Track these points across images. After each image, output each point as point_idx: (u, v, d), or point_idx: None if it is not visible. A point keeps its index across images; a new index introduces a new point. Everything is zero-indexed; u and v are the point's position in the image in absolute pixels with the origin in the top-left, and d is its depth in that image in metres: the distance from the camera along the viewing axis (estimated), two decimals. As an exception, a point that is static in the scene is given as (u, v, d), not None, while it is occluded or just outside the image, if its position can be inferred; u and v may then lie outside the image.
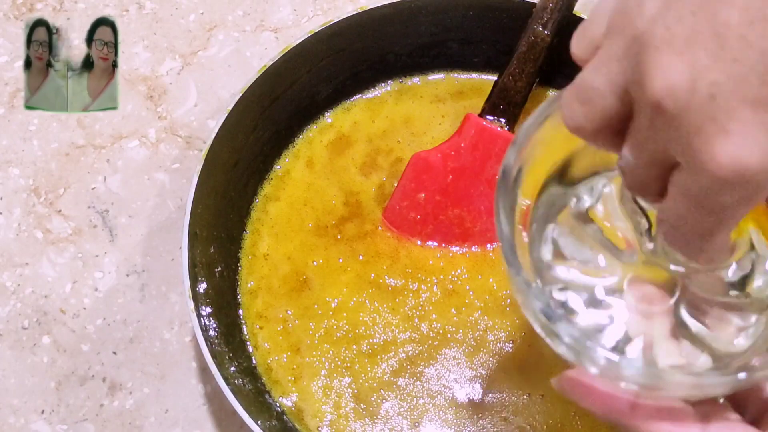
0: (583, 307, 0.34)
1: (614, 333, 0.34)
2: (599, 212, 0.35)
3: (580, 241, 0.35)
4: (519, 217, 0.34)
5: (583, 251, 0.35)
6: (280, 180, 0.56)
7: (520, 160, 0.33)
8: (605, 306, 0.34)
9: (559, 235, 0.35)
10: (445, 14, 0.55)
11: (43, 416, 0.53)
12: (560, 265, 0.35)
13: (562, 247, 0.35)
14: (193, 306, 0.48)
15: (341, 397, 0.50)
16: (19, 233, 0.57)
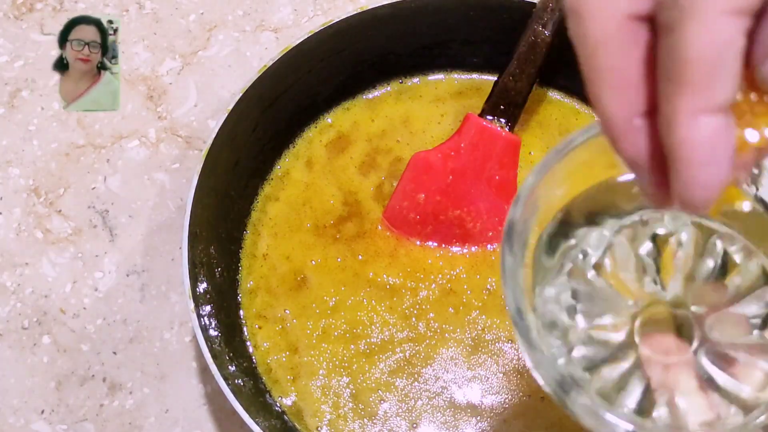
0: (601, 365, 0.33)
1: (636, 391, 0.33)
2: (607, 265, 0.35)
3: (591, 297, 0.34)
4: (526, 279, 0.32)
5: (595, 306, 0.34)
6: (279, 180, 0.56)
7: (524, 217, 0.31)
8: (623, 361, 0.33)
9: (570, 292, 0.34)
10: (445, 14, 0.55)
11: (43, 416, 0.53)
12: (573, 322, 0.34)
13: (573, 304, 0.34)
14: (193, 306, 0.48)
15: (340, 396, 0.50)
16: (19, 233, 0.57)
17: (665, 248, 0.34)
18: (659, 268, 0.34)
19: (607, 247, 0.34)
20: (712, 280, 0.34)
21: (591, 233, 0.34)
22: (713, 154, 0.22)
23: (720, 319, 0.33)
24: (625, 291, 0.34)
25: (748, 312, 0.33)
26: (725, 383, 0.32)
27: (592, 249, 0.34)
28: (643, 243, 0.34)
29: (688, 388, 0.32)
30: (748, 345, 0.33)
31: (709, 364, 0.33)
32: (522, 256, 0.31)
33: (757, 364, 0.32)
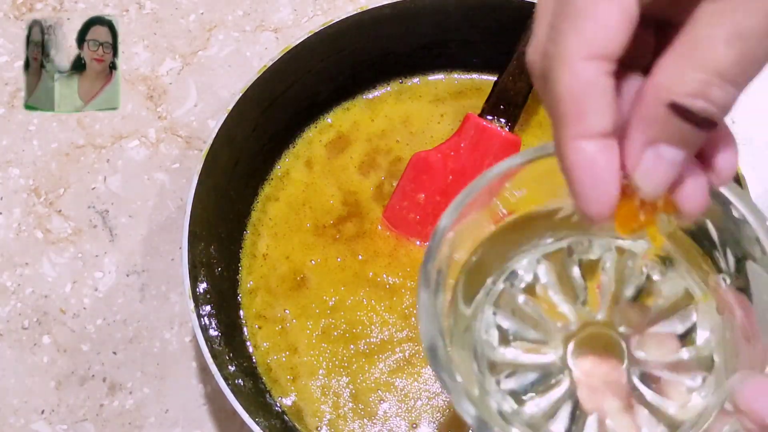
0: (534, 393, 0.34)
1: (565, 416, 0.33)
2: (537, 289, 0.35)
3: (522, 321, 0.35)
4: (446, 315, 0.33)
5: (527, 330, 0.35)
6: (279, 180, 0.56)
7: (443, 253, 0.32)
8: (555, 385, 0.34)
9: (501, 318, 0.35)
10: (445, 14, 0.55)
11: (43, 416, 0.53)
12: (506, 348, 0.34)
13: (505, 330, 0.35)
14: (193, 306, 0.48)
15: (339, 396, 0.50)
16: (19, 233, 0.57)
17: (592, 273, 0.35)
18: (588, 291, 0.34)
19: (536, 273, 0.35)
20: (637, 300, 0.35)
21: (520, 260, 0.35)
22: (595, 171, 0.26)
23: (647, 339, 0.34)
24: (556, 315, 0.35)
25: (673, 331, 0.34)
26: (653, 401, 0.33)
27: (522, 274, 0.35)
28: (571, 268, 0.35)
29: (616, 408, 0.33)
30: (672, 363, 0.34)
31: (638, 382, 0.33)
32: (439, 292, 0.32)
33: (681, 381, 0.33)
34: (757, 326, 0.30)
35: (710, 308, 0.33)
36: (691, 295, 0.34)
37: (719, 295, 0.33)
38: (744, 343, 0.32)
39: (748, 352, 0.31)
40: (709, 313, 0.33)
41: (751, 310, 0.31)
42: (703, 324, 0.33)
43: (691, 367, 0.33)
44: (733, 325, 0.32)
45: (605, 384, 0.33)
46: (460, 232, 0.32)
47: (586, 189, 0.26)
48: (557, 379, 0.34)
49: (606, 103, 0.25)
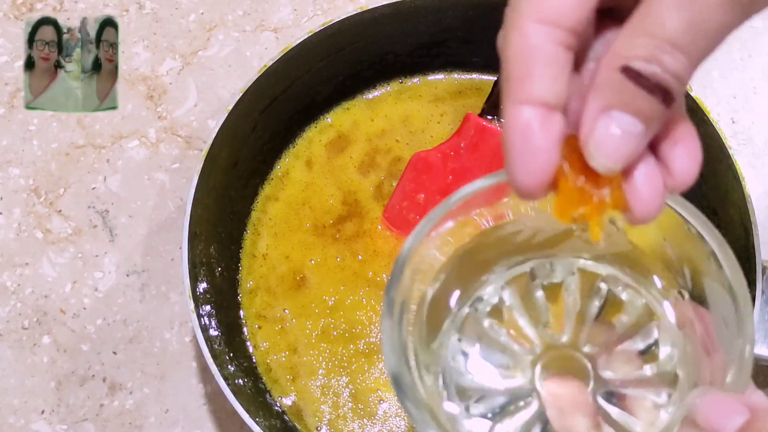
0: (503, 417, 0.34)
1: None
2: (502, 313, 0.35)
3: (488, 347, 0.35)
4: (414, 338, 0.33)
5: (493, 356, 0.35)
6: (279, 180, 0.56)
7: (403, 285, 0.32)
8: (524, 408, 0.34)
9: (466, 344, 0.35)
10: (445, 14, 0.55)
11: (43, 416, 0.53)
12: (473, 373, 0.34)
13: (471, 356, 0.35)
14: (193, 306, 0.48)
15: (339, 396, 0.50)
16: (19, 233, 0.57)
17: (555, 295, 0.35)
18: (552, 313, 0.35)
19: (500, 297, 0.35)
20: (601, 320, 0.35)
21: (483, 285, 0.35)
22: (528, 138, 0.25)
23: (612, 358, 0.34)
24: (522, 338, 0.35)
25: (637, 348, 0.34)
26: (620, 418, 0.33)
27: (486, 298, 0.35)
28: (534, 291, 0.35)
29: (585, 428, 0.33)
30: (638, 380, 0.34)
31: (604, 402, 0.33)
32: (403, 320, 0.32)
33: (647, 398, 0.33)
34: (715, 340, 0.31)
35: (671, 323, 0.34)
36: (652, 310, 0.34)
37: (679, 310, 0.33)
38: (705, 357, 0.32)
39: (709, 365, 0.31)
40: (671, 329, 0.34)
41: (709, 323, 0.31)
42: (665, 340, 0.34)
43: (655, 383, 0.33)
44: (694, 339, 0.32)
45: (573, 405, 0.33)
46: (423, 258, 0.32)
47: (517, 156, 0.25)
48: (526, 402, 0.34)
49: (552, 72, 0.25)
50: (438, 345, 0.34)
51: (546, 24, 0.25)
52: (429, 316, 0.34)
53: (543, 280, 0.35)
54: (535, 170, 0.25)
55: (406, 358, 0.31)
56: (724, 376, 0.29)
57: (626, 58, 0.24)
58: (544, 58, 0.25)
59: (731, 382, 0.28)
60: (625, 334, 0.34)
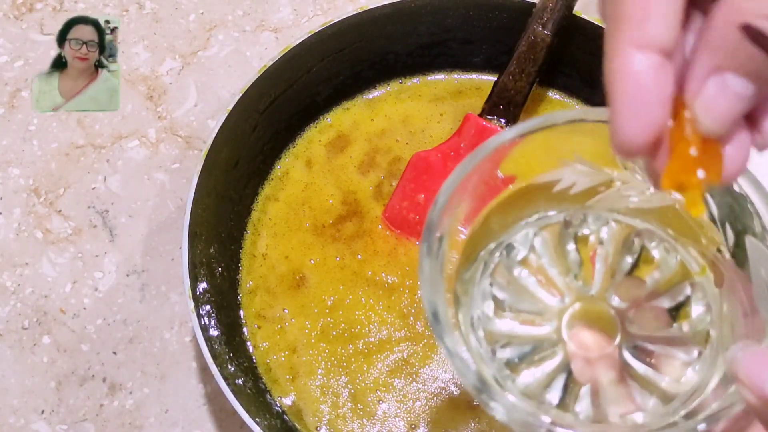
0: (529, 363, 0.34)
1: (559, 386, 0.33)
2: (533, 262, 0.35)
3: (517, 293, 0.35)
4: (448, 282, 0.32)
5: (522, 302, 0.35)
6: (279, 180, 0.56)
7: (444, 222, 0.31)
8: (549, 357, 0.34)
9: (497, 289, 0.35)
10: (445, 14, 0.55)
11: (43, 416, 0.53)
12: (501, 319, 0.34)
13: (501, 301, 0.34)
14: (193, 306, 0.48)
15: (338, 396, 0.50)
16: (19, 233, 0.57)
17: (588, 246, 0.35)
18: (583, 265, 0.34)
19: (532, 245, 0.35)
20: (632, 275, 0.34)
21: (516, 231, 0.35)
22: (641, 89, 0.23)
23: (641, 313, 0.34)
24: (551, 287, 0.35)
25: (667, 305, 0.34)
26: (646, 374, 0.33)
27: (518, 246, 0.35)
28: (566, 242, 0.35)
29: (609, 381, 0.33)
30: (667, 337, 0.33)
31: (630, 357, 0.33)
32: (442, 259, 0.31)
33: (675, 355, 0.33)
34: (754, 301, 0.30)
35: (708, 282, 0.33)
36: (687, 269, 0.34)
37: (717, 269, 0.33)
38: (742, 318, 0.31)
39: (746, 327, 0.31)
40: (707, 287, 0.33)
41: (749, 284, 0.31)
42: (699, 298, 0.33)
43: (686, 341, 0.33)
44: (731, 299, 0.32)
45: (598, 357, 0.33)
46: (460, 201, 0.32)
47: (627, 108, 0.23)
48: (552, 351, 0.34)
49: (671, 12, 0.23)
50: (470, 288, 0.34)
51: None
52: (463, 258, 0.34)
53: (577, 229, 0.35)
54: (645, 125, 0.23)
55: (444, 295, 0.31)
56: (762, 338, 0.29)
57: (748, 13, 0.22)
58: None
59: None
60: (656, 291, 0.34)
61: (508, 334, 0.34)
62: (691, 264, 0.34)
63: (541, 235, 0.35)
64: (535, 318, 0.35)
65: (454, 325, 0.32)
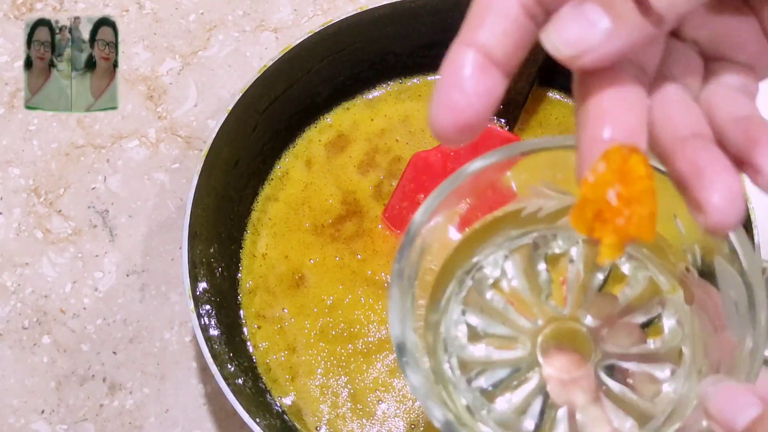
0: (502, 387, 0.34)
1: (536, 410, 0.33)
2: (504, 285, 0.35)
3: (490, 318, 0.35)
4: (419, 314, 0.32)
5: (496, 327, 0.35)
6: (279, 180, 0.56)
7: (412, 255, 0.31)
8: (525, 381, 0.34)
9: (469, 315, 0.34)
10: (445, 14, 0.55)
11: (43, 416, 0.53)
12: (475, 345, 0.34)
13: (474, 327, 0.34)
14: (193, 306, 0.48)
15: (338, 396, 0.50)
16: (19, 233, 0.57)
17: (559, 266, 0.35)
18: (554, 285, 0.34)
19: (502, 269, 0.35)
20: (604, 293, 0.34)
21: (487, 256, 0.35)
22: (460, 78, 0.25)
23: (614, 331, 0.34)
24: (524, 310, 0.35)
25: (640, 322, 0.34)
26: (621, 393, 0.33)
27: (489, 271, 0.35)
28: (537, 263, 0.35)
29: (585, 403, 0.33)
30: (641, 354, 0.33)
31: (606, 376, 0.33)
32: (411, 289, 0.31)
33: (649, 373, 0.33)
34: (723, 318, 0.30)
35: (678, 299, 0.33)
36: (658, 285, 0.34)
37: (687, 286, 0.33)
38: (712, 335, 0.31)
39: (716, 343, 0.31)
40: (678, 304, 0.33)
41: (718, 301, 0.31)
42: (671, 314, 0.33)
43: (659, 358, 0.33)
44: (702, 316, 0.32)
45: (574, 378, 0.33)
46: (432, 230, 0.32)
47: (441, 92, 0.25)
48: (527, 375, 0.34)
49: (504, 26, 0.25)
50: (442, 317, 0.34)
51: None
52: (434, 286, 0.34)
53: (546, 250, 0.35)
54: (455, 111, 0.25)
55: (412, 327, 0.31)
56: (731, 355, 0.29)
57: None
58: (501, 10, 0.25)
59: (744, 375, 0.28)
60: (628, 308, 0.34)
61: (482, 360, 0.34)
62: (662, 281, 0.34)
63: (512, 257, 0.35)
64: (509, 342, 0.34)
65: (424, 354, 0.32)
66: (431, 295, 0.34)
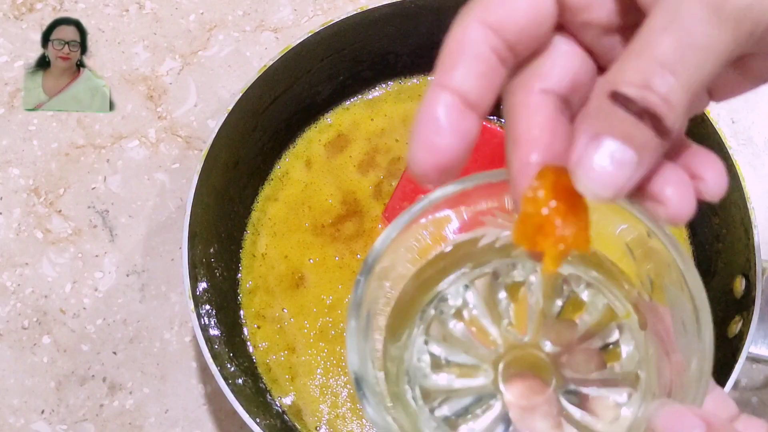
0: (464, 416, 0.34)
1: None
2: (465, 314, 0.35)
3: (452, 346, 0.35)
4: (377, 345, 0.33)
5: (458, 355, 0.35)
6: (279, 180, 0.56)
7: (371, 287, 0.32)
8: (488, 409, 0.34)
9: (432, 345, 0.35)
10: (445, 14, 0.54)
11: (43, 416, 0.53)
12: (438, 374, 0.35)
13: (437, 356, 0.35)
14: (193, 306, 0.48)
15: (337, 396, 0.50)
16: (19, 233, 0.57)
17: (518, 294, 0.35)
18: (515, 312, 0.35)
19: (464, 298, 0.35)
20: (563, 319, 0.35)
21: (448, 286, 0.35)
22: (436, 119, 0.25)
23: (574, 357, 0.34)
24: (485, 338, 0.35)
25: (598, 347, 0.34)
26: (582, 419, 0.33)
27: (451, 300, 0.35)
28: (497, 291, 0.35)
29: (546, 429, 0.33)
30: (600, 379, 0.34)
31: (566, 402, 0.34)
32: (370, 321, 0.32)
33: (608, 397, 0.33)
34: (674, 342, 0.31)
35: (633, 324, 0.34)
36: (614, 311, 0.34)
37: (640, 311, 0.33)
38: (663, 358, 0.32)
39: (667, 366, 0.32)
40: (633, 329, 0.34)
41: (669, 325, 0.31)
42: (626, 340, 0.34)
43: (617, 382, 0.34)
44: (654, 340, 0.33)
45: (535, 404, 0.34)
46: (391, 262, 0.33)
47: (419, 134, 0.26)
48: (490, 403, 0.34)
49: (478, 70, 0.25)
50: (403, 346, 0.34)
51: (487, 27, 0.26)
52: (395, 317, 0.34)
53: (506, 279, 0.35)
54: (435, 153, 0.26)
55: (372, 359, 0.31)
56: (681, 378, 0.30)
57: (616, 84, 0.24)
58: (474, 54, 0.25)
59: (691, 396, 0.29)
60: (587, 334, 0.35)
61: (445, 389, 0.34)
62: (617, 306, 0.34)
63: (473, 287, 0.35)
64: (471, 370, 0.35)
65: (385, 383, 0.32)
66: (392, 326, 0.34)
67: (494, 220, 0.34)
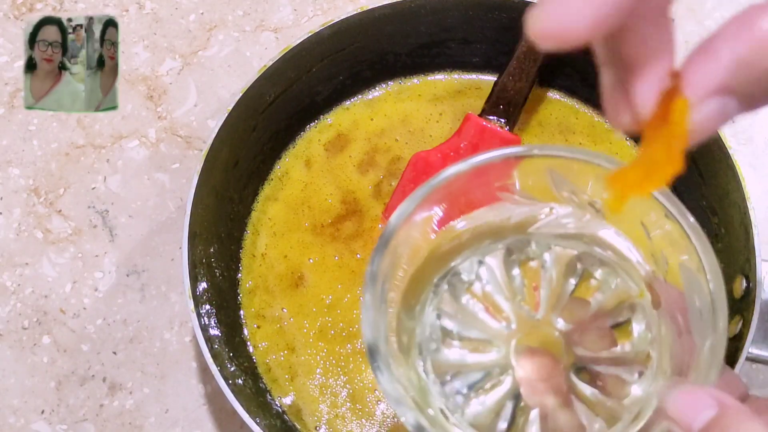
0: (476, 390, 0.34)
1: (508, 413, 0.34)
2: (478, 289, 0.35)
3: (465, 322, 0.35)
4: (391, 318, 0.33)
5: (470, 330, 0.35)
6: (279, 180, 0.56)
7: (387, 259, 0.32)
8: (499, 384, 0.34)
9: (444, 319, 0.35)
10: (444, 14, 0.55)
11: (43, 416, 0.53)
12: (450, 349, 0.35)
13: (449, 330, 0.35)
14: (193, 306, 0.48)
15: (337, 396, 0.50)
16: (19, 233, 0.57)
17: (532, 271, 0.36)
18: (528, 289, 0.35)
19: (477, 274, 0.35)
20: (576, 297, 0.35)
21: (461, 261, 0.35)
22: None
23: (586, 335, 0.35)
24: (498, 314, 0.35)
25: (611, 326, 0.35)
26: (592, 395, 0.33)
27: (464, 275, 0.35)
28: (511, 268, 0.35)
29: (557, 405, 0.33)
30: (611, 358, 0.34)
31: (576, 379, 0.34)
32: (384, 293, 0.32)
33: (619, 375, 0.34)
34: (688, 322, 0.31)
35: (646, 303, 0.34)
36: (627, 290, 0.34)
37: (654, 291, 0.33)
38: (676, 338, 0.32)
39: (680, 346, 0.32)
40: (646, 309, 0.34)
41: (683, 306, 0.31)
42: (639, 319, 0.34)
43: (628, 361, 0.34)
44: (667, 320, 0.33)
45: (546, 381, 0.34)
46: (407, 236, 0.33)
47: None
48: (500, 378, 0.34)
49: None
50: (416, 320, 0.34)
51: None
52: (408, 291, 0.34)
53: (520, 256, 0.35)
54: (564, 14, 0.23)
55: (385, 331, 0.31)
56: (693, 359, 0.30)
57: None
58: None
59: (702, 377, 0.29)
60: (599, 312, 0.35)
61: (457, 363, 0.35)
62: (630, 286, 0.34)
63: (487, 263, 0.35)
64: (483, 345, 0.35)
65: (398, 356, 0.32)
66: (406, 299, 0.34)
67: (510, 196, 0.34)
